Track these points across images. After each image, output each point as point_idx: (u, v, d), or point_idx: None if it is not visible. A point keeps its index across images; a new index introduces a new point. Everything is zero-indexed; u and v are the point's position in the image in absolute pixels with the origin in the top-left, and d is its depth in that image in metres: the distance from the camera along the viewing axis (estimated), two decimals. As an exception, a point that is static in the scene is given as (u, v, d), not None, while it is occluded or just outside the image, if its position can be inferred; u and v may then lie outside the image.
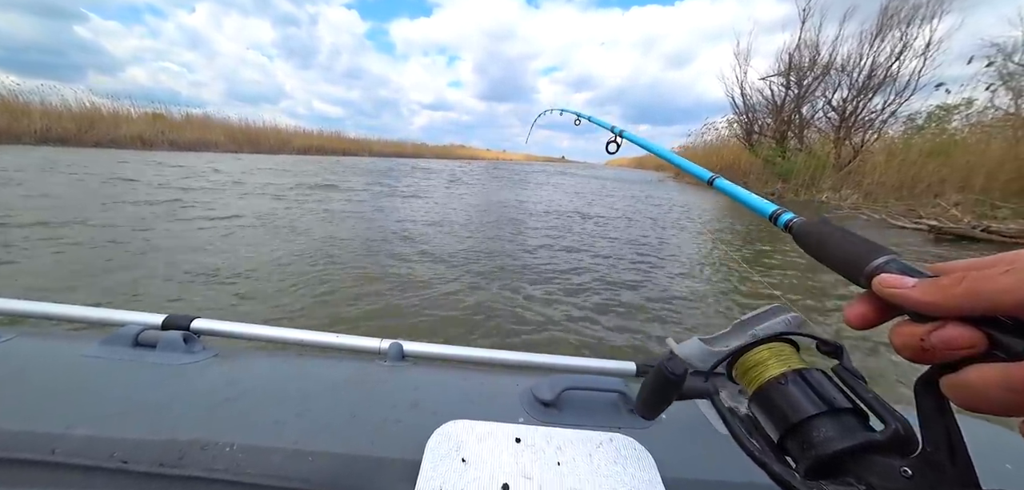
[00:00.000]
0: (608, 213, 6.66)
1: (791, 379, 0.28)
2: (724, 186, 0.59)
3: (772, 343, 0.32)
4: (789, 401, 0.28)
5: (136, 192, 5.86)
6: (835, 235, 0.31)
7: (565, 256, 3.88)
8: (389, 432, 0.47)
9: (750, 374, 0.31)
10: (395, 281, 2.87)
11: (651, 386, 0.34)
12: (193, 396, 0.49)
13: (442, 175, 12.56)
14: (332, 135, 29.05)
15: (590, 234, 5.07)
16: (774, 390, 0.29)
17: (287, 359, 0.59)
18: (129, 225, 3.92)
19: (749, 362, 0.32)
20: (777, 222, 0.43)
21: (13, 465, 0.40)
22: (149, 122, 19.14)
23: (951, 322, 0.20)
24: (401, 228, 4.57)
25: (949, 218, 6.34)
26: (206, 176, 8.23)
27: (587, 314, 2.50)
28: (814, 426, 0.26)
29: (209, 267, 2.91)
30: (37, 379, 0.50)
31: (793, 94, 14.51)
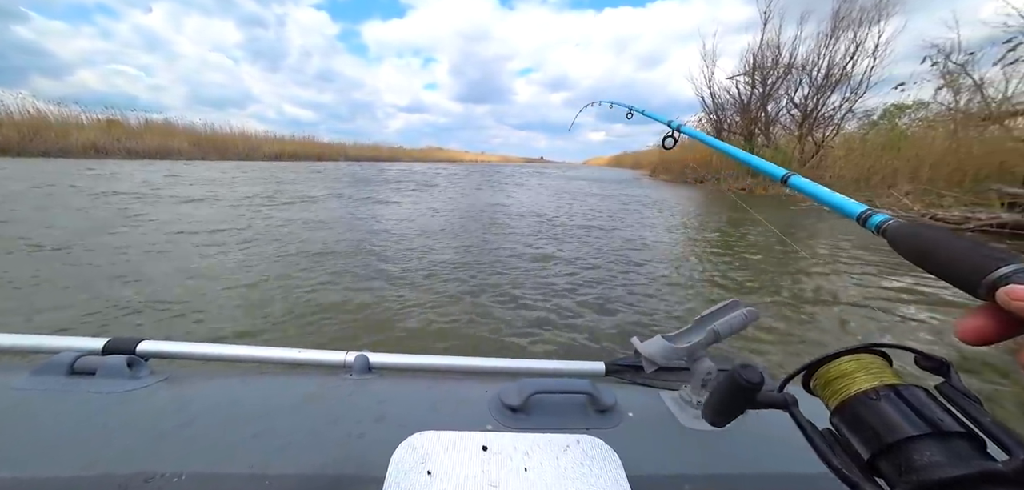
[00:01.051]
0: (586, 220, 6.74)
1: (883, 395, 0.26)
2: (800, 184, 0.53)
3: (859, 354, 0.29)
4: (882, 419, 0.25)
5: (82, 203, 5.48)
6: (943, 239, 0.28)
7: (542, 260, 3.90)
8: (352, 448, 0.45)
9: (833, 386, 0.29)
10: (368, 293, 2.80)
11: (723, 393, 0.32)
12: (137, 425, 0.46)
13: (413, 181, 12.33)
14: (305, 140, 28.17)
15: (570, 237, 5.12)
16: (863, 405, 0.27)
17: (245, 379, 0.57)
18: (65, 240, 3.66)
19: (832, 374, 0.29)
20: (867, 224, 0.39)
21: None
22: (103, 129, 17.98)
23: None
24: (378, 241, 4.47)
25: (901, 207, 6.79)
26: (159, 187, 7.80)
27: (560, 316, 2.52)
28: (916, 448, 0.24)
29: (169, 290, 2.75)
30: None
31: (758, 93, 15.19)
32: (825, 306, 2.79)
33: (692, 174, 16.82)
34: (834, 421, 0.29)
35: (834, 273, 3.60)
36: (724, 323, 0.51)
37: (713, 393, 0.34)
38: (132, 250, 3.45)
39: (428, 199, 7.68)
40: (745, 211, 7.61)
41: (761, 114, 15.34)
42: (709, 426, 0.53)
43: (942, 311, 2.71)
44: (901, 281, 3.30)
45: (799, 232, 5.79)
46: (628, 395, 0.57)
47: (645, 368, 0.52)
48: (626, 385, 0.62)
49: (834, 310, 2.73)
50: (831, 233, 5.72)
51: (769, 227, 4.88)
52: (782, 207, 8.58)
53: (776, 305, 2.77)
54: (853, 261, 4.02)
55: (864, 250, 4.41)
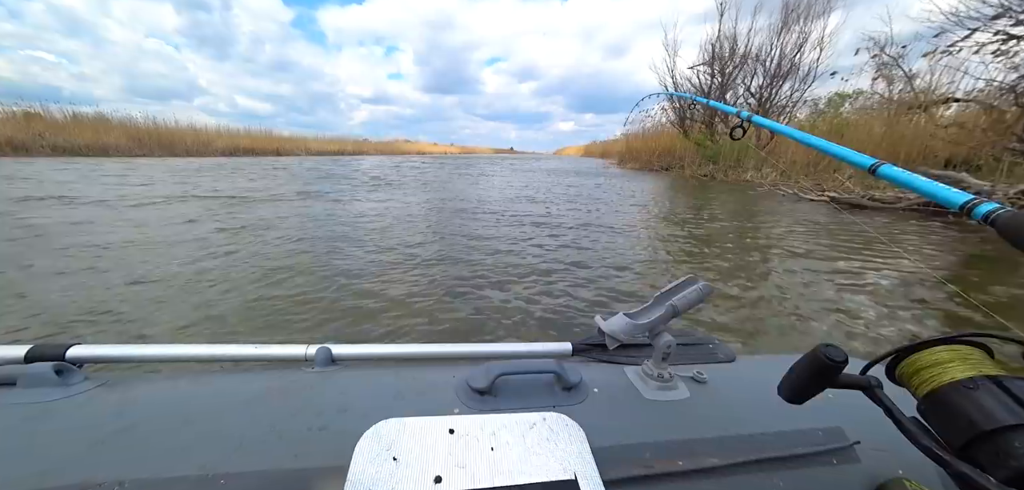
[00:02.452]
0: (558, 209, 6.82)
1: (981, 384, 0.26)
2: (891, 173, 0.50)
3: (955, 344, 0.29)
4: (979, 407, 0.25)
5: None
6: None
7: (511, 246, 3.92)
8: (314, 441, 0.44)
9: (923, 374, 0.29)
10: (331, 283, 2.71)
11: (803, 372, 0.32)
12: (68, 434, 0.42)
13: (366, 177, 11.96)
14: (262, 134, 26.45)
15: (540, 225, 5.17)
16: (958, 393, 0.27)
17: (195, 379, 0.53)
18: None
19: (922, 362, 0.30)
20: (972, 215, 0.38)
21: None
22: (20, 123, 16.03)
23: None
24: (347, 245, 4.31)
25: (844, 190, 7.37)
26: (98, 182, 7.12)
27: (528, 300, 2.55)
28: (1017, 437, 0.24)
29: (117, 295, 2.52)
30: None
31: (718, 82, 15.87)
32: (768, 278, 3.00)
33: (657, 162, 17.41)
34: (921, 408, 0.29)
35: (783, 252, 3.86)
36: (681, 298, 0.53)
37: (792, 371, 0.33)
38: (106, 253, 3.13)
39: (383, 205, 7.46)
40: (705, 196, 7.99)
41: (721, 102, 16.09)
42: (669, 396, 0.55)
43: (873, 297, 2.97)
44: (838, 263, 3.59)
45: (760, 215, 6.14)
46: (594, 372, 0.59)
47: (608, 345, 0.53)
48: (592, 363, 0.64)
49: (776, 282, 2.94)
50: (788, 214, 6.12)
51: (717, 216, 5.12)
52: (741, 192, 9.09)
53: (724, 278, 2.95)
54: (802, 237, 4.33)
55: (813, 229, 4.76)
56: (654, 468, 0.46)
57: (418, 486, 0.39)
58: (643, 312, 0.55)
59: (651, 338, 0.56)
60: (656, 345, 0.55)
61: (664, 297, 0.55)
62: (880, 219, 5.89)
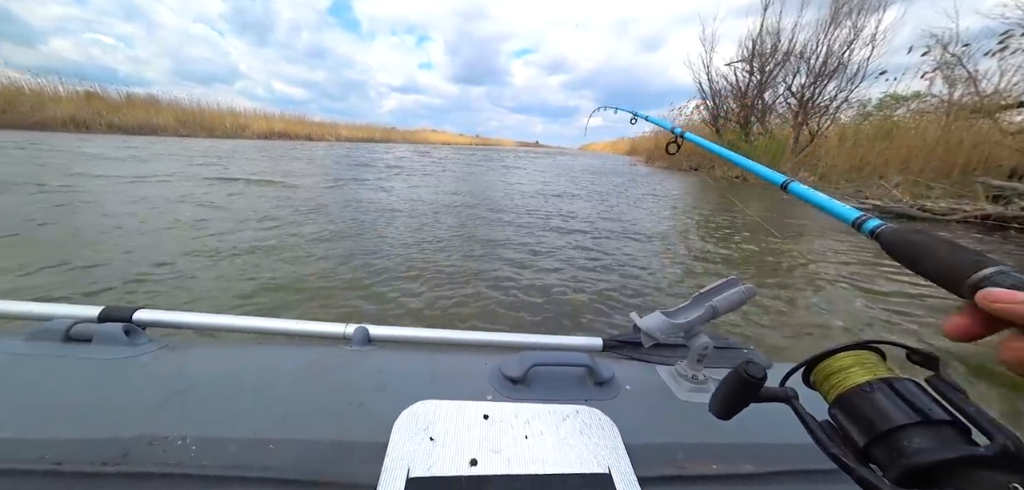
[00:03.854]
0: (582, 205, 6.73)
1: (877, 387, 0.28)
2: (799, 191, 0.55)
3: (856, 350, 0.31)
4: (876, 409, 0.27)
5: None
6: (931, 243, 0.30)
7: (546, 238, 3.91)
8: (354, 416, 0.46)
9: (831, 380, 0.31)
10: (369, 267, 2.80)
11: (728, 389, 0.34)
12: (136, 391, 0.46)
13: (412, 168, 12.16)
14: (295, 118, 27.49)
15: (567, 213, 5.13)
16: (859, 397, 0.28)
17: (244, 348, 0.57)
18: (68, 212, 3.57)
19: (830, 368, 0.31)
20: (861, 229, 0.42)
21: None
22: (82, 102, 17.31)
23: None
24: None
25: (890, 198, 6.90)
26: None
27: (558, 294, 2.55)
28: (906, 436, 0.25)
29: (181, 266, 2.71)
30: None
31: (756, 80, 15.11)
32: (800, 289, 2.86)
33: (686, 161, 16.86)
34: (832, 412, 0.31)
35: (815, 259, 3.67)
36: (722, 300, 0.52)
37: (720, 388, 0.35)
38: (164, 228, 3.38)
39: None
40: (735, 199, 7.67)
41: (758, 102, 15.32)
42: (704, 399, 0.54)
43: (910, 303, 2.78)
44: (883, 277, 3.38)
45: (789, 219, 5.86)
46: (626, 369, 0.59)
47: (644, 343, 0.53)
48: (624, 360, 0.64)
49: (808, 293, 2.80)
50: (821, 221, 5.81)
51: (748, 214, 4.94)
52: (773, 196, 8.69)
53: (762, 284, 2.83)
54: (836, 244, 4.10)
55: (854, 243, 4.50)
56: (686, 469, 0.45)
57: (454, 466, 0.40)
58: (681, 311, 0.54)
59: (687, 339, 0.55)
60: (692, 346, 0.54)
61: (703, 297, 0.53)
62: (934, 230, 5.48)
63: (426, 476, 0.38)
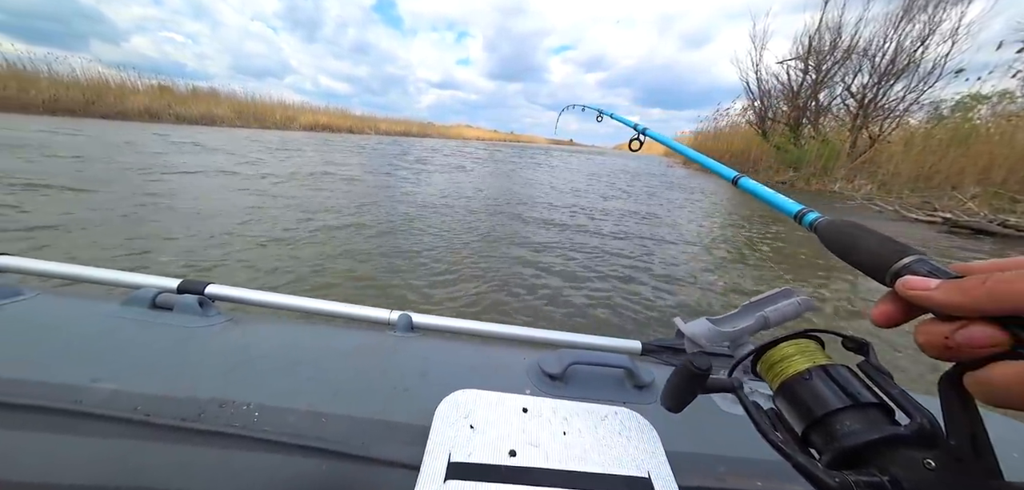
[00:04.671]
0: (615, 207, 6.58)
1: (816, 374, 0.29)
2: (748, 185, 0.58)
3: (798, 339, 0.32)
4: (814, 395, 0.28)
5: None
6: (860, 235, 0.31)
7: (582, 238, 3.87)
8: (399, 399, 0.48)
9: (775, 369, 0.32)
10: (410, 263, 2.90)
11: (676, 380, 0.35)
12: (209, 357, 0.51)
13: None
14: (338, 112, 28.84)
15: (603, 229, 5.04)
16: (799, 385, 0.29)
17: (299, 326, 0.61)
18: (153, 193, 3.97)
19: (774, 358, 0.32)
20: (802, 221, 0.43)
21: (40, 412, 0.42)
22: (156, 94, 19.10)
23: (975, 321, 0.20)
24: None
25: (965, 211, 6.20)
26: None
27: (597, 295, 2.51)
28: (838, 419, 0.26)
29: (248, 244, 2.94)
30: (61, 335, 0.51)
31: (811, 79, 14.05)
32: (865, 300, 2.64)
33: (727, 164, 16.00)
34: (776, 401, 0.32)
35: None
36: (775, 311, 0.49)
37: (668, 381, 0.36)
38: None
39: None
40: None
41: (811, 103, 14.25)
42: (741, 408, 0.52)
43: None
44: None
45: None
46: (665, 375, 0.57)
47: (687, 349, 0.51)
48: (664, 365, 0.62)
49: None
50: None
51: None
52: (824, 203, 8.04)
53: (819, 298, 2.64)
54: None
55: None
56: (727, 483, 0.44)
57: (493, 455, 0.41)
58: (728, 319, 0.52)
59: (733, 348, 0.53)
60: (738, 357, 0.52)
61: (754, 307, 0.51)
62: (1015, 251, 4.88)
63: (467, 462, 0.39)
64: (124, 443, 0.43)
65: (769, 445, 0.28)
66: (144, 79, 19.48)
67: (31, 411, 0.42)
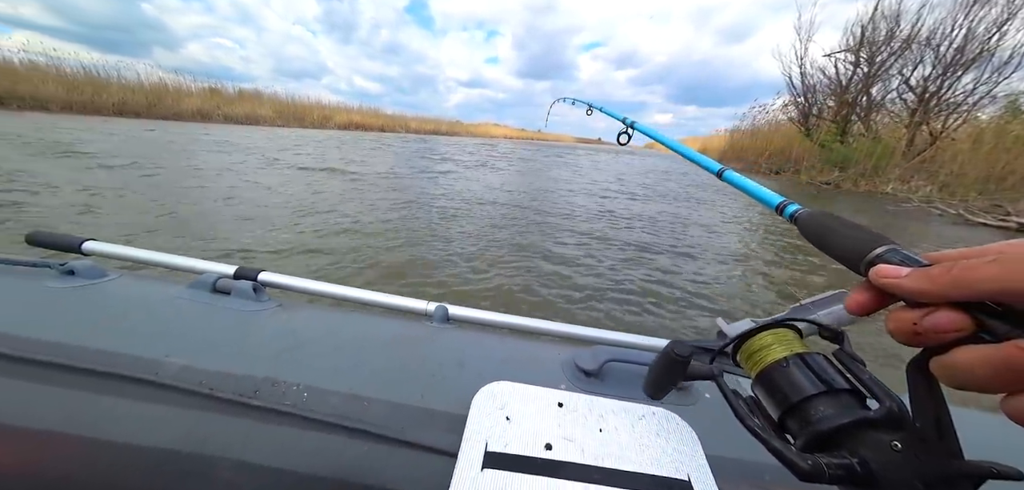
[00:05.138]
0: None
1: (792, 362, 0.30)
2: (733, 178, 0.59)
3: (776, 329, 0.33)
4: (790, 382, 0.29)
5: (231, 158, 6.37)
6: (836, 225, 0.32)
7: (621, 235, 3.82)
8: (437, 387, 0.50)
9: (754, 358, 0.33)
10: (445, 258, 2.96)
11: (658, 367, 0.36)
12: (262, 339, 0.55)
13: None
14: (370, 111, 29.85)
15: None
16: (776, 372, 0.31)
17: (342, 314, 0.64)
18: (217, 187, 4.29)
19: (754, 346, 0.33)
20: (783, 213, 0.44)
21: (123, 380, 0.47)
22: (207, 96, 20.55)
23: (941, 308, 0.21)
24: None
25: (1045, 217, 5.55)
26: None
27: (634, 294, 2.47)
28: (813, 405, 0.28)
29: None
30: (140, 313, 0.57)
31: (862, 72, 13.03)
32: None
33: (767, 164, 15.12)
34: (755, 389, 0.32)
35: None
36: (826, 315, 0.46)
37: (651, 369, 0.37)
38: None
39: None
40: (826, 205, 6.70)
41: (862, 98, 13.22)
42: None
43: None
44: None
45: (906, 241, 5.00)
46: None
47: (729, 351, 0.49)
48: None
49: None
50: (952, 243, 4.89)
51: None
52: (876, 207, 7.45)
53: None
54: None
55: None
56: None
57: (529, 447, 0.41)
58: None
59: None
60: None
61: (802, 310, 0.49)
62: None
63: (503, 452, 0.40)
64: (192, 414, 0.47)
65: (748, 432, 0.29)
66: (197, 82, 21.05)
67: (117, 379, 0.47)
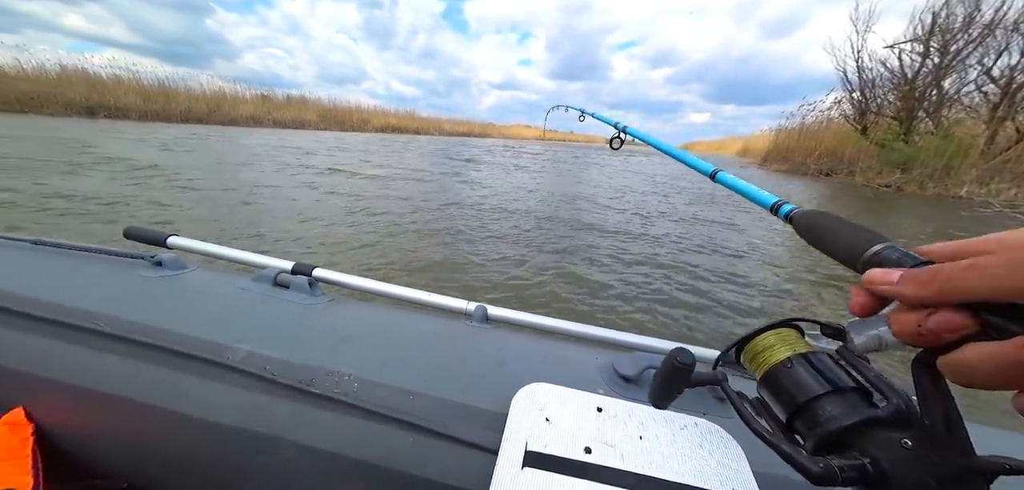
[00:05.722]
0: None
1: (797, 362, 0.30)
2: (726, 179, 0.59)
3: (778, 329, 0.33)
4: (795, 383, 0.29)
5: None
6: (831, 224, 0.32)
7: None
8: (478, 385, 0.51)
9: (758, 359, 0.33)
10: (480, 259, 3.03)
11: (662, 375, 0.36)
12: (317, 331, 0.59)
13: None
14: (406, 114, 30.92)
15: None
16: (781, 373, 0.30)
17: (388, 310, 0.67)
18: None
19: (756, 348, 0.33)
20: (778, 213, 0.44)
21: (200, 362, 0.53)
22: (259, 103, 22.18)
23: (944, 308, 0.20)
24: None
25: None
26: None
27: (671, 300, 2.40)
28: (820, 405, 0.27)
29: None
30: (214, 302, 0.63)
31: (932, 63, 11.80)
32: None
33: (816, 165, 14.01)
34: (760, 390, 0.32)
35: None
36: (871, 336, 0.43)
37: (655, 377, 0.37)
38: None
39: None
40: (888, 215, 6.11)
41: (931, 92, 11.97)
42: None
43: None
44: None
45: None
46: (747, 388, 0.54)
47: None
48: (747, 379, 0.58)
49: None
50: None
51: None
52: (947, 213, 6.70)
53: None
54: None
55: None
56: None
57: (568, 449, 0.42)
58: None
59: None
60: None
61: (865, 324, 0.45)
62: None
63: (543, 452, 0.41)
64: (256, 396, 0.52)
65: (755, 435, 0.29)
66: (251, 90, 22.83)
67: (196, 361, 0.53)
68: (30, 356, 0.56)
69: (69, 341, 0.56)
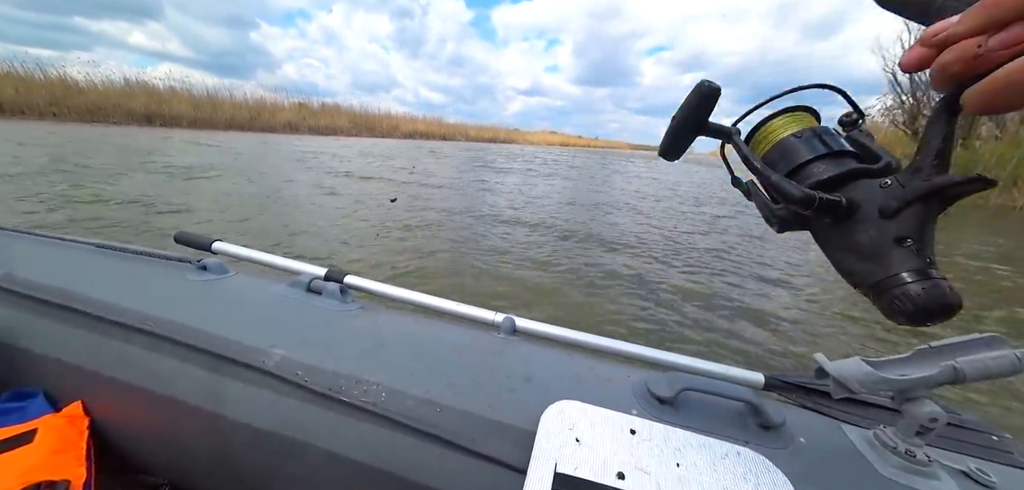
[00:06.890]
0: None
1: (805, 135, 0.33)
2: None
3: (795, 112, 0.36)
4: (797, 149, 0.33)
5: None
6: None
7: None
8: (506, 400, 0.50)
9: (770, 136, 0.35)
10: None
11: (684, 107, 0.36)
12: (348, 338, 0.60)
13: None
14: (433, 121, 31.66)
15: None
16: (789, 142, 0.34)
17: (417, 319, 0.68)
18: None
19: (770, 128, 0.36)
20: None
21: (239, 365, 0.55)
22: (296, 110, 23.40)
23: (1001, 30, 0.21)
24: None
25: None
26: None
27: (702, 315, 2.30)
28: (816, 164, 0.32)
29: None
30: (254, 307, 0.66)
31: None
32: None
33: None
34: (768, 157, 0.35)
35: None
36: (973, 363, 0.38)
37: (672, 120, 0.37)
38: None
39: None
40: (939, 225, 5.59)
41: (996, 93, 10.91)
42: (922, 485, 0.42)
43: None
44: None
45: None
46: (798, 417, 0.50)
47: (833, 393, 0.43)
48: (793, 405, 0.54)
49: None
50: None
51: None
52: (1014, 225, 6.06)
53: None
54: None
55: None
56: None
57: (600, 474, 0.40)
58: (894, 364, 0.43)
59: (899, 401, 0.43)
60: (908, 412, 0.42)
61: (937, 354, 0.41)
62: None
63: (573, 475, 0.39)
64: (288, 400, 0.53)
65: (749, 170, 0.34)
66: (289, 98, 24.14)
67: (235, 364, 0.55)
68: (89, 352, 0.60)
69: (123, 340, 0.59)
